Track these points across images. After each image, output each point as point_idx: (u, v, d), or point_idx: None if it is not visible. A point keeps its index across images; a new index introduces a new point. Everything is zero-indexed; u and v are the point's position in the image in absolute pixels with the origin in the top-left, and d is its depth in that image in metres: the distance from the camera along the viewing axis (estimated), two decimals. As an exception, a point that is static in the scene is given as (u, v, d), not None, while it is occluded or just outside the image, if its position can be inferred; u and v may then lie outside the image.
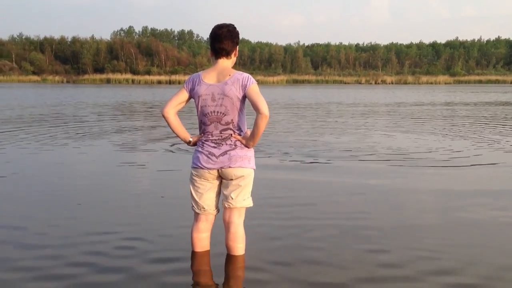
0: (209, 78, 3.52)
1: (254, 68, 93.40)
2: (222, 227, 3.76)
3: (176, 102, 3.58)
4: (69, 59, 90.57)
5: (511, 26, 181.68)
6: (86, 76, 78.95)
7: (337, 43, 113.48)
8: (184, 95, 3.58)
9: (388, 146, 10.24)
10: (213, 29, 3.55)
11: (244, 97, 3.48)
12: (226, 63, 3.55)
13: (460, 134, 12.43)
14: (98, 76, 78.50)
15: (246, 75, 3.50)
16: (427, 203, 5.83)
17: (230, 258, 3.73)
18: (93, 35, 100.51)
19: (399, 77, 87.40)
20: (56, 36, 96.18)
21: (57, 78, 78.49)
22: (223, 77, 3.49)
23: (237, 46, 3.61)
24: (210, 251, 3.83)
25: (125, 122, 15.92)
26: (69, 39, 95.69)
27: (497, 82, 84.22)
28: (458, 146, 10.26)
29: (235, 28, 3.58)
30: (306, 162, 8.41)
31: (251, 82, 3.46)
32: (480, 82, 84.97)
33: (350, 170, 7.70)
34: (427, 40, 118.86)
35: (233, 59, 3.60)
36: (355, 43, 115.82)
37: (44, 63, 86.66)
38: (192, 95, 3.57)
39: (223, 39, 3.49)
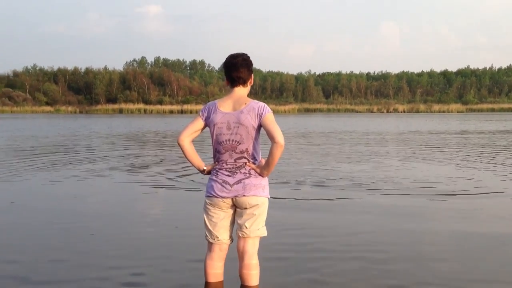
0: (225, 106, 3.52)
1: (265, 97, 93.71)
2: (236, 257, 3.66)
3: (191, 130, 3.57)
4: (82, 89, 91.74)
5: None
6: (99, 106, 79.62)
7: (348, 72, 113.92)
8: (199, 123, 3.58)
9: (408, 176, 9.89)
10: (227, 58, 3.58)
11: (260, 126, 3.47)
12: (242, 91, 3.58)
13: (480, 163, 12.09)
14: (110, 106, 79.05)
15: (262, 104, 3.50)
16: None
17: None
18: (106, 65, 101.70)
19: (411, 105, 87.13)
20: (70, 67, 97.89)
21: (70, 108, 79.05)
22: (239, 105, 3.49)
23: (252, 75, 3.65)
24: (223, 282, 3.74)
25: (138, 151, 15.83)
26: (83, 70, 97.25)
27: (510, 110, 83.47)
28: (481, 176, 9.91)
29: (249, 57, 3.63)
30: (327, 197, 7.82)
31: (267, 111, 3.46)
32: (493, 110, 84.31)
33: (376, 206, 7.10)
34: (438, 69, 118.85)
35: (248, 87, 3.63)
36: (366, 72, 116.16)
37: (58, 93, 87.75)
38: (207, 123, 3.56)
39: (240, 67, 3.53)
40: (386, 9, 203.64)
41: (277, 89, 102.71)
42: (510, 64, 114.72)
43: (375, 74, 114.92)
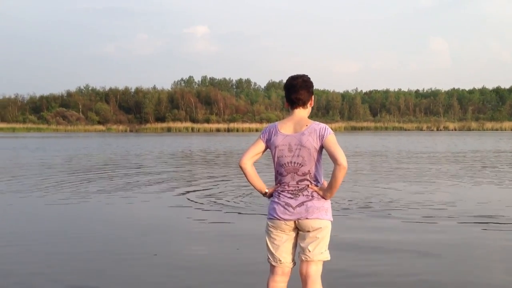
0: (285, 128, 3.52)
1: (311, 115, 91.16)
2: (299, 280, 3.62)
3: (253, 153, 3.57)
4: (132, 108, 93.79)
5: None
6: (148, 125, 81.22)
7: (395, 89, 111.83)
8: (260, 145, 3.58)
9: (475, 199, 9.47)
10: (287, 80, 3.59)
11: (321, 147, 3.45)
12: (302, 113, 3.56)
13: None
14: (159, 125, 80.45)
15: (323, 125, 3.49)
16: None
17: None
18: (154, 85, 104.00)
19: (462, 123, 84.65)
20: (121, 87, 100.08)
21: (120, 127, 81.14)
22: (300, 127, 3.48)
23: (313, 96, 3.63)
24: None
25: (194, 171, 15.94)
26: (133, 90, 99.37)
27: None
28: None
29: (309, 78, 3.60)
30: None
31: (329, 133, 3.44)
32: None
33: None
34: (490, 85, 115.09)
35: (309, 108, 3.60)
36: (415, 89, 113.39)
37: (109, 113, 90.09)
38: (268, 145, 3.57)
39: (299, 89, 3.52)
40: (434, 24, 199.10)
41: (323, 107, 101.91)
42: None
43: (424, 91, 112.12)
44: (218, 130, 76.78)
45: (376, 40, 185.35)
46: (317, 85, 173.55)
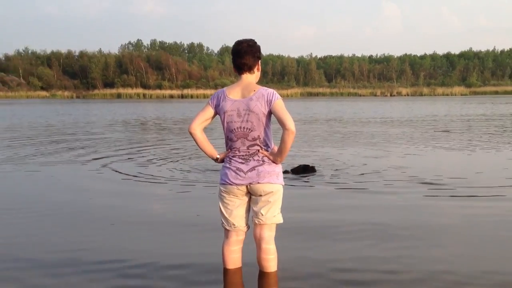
0: (234, 94, 3.51)
1: (267, 81, 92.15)
2: (253, 243, 3.68)
3: (202, 119, 3.56)
4: (77, 73, 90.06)
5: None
6: (96, 91, 78.51)
7: (350, 55, 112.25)
8: (209, 111, 3.57)
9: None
10: (233, 45, 3.56)
11: (270, 112, 3.45)
12: (250, 78, 3.56)
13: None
14: (108, 91, 77.95)
15: (271, 90, 3.49)
16: None
17: (262, 275, 3.69)
18: (100, 49, 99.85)
19: (414, 88, 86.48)
20: (63, 50, 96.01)
21: (66, 93, 77.80)
22: (248, 92, 3.48)
23: (260, 61, 3.60)
24: (242, 268, 3.78)
25: (140, 136, 15.32)
26: (77, 53, 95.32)
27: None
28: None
29: (255, 42, 3.58)
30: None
31: (276, 98, 3.44)
32: (496, 93, 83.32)
33: None
34: (441, 51, 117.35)
35: (256, 74, 3.60)
36: (368, 55, 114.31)
37: (52, 78, 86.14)
38: (217, 111, 3.56)
39: (244, 54, 3.49)
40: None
41: (279, 73, 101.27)
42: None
43: (378, 57, 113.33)
44: (171, 96, 75.09)
45: (330, 4, 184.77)
46: (272, 50, 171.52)
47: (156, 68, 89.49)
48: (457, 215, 5.72)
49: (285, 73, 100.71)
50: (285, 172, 8.17)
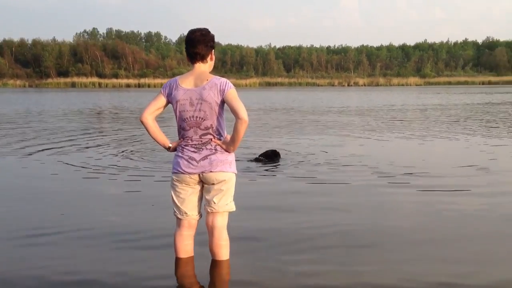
0: (186, 83, 3.51)
1: (225, 71, 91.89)
2: (206, 232, 3.69)
3: (154, 108, 3.55)
4: (30, 62, 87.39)
5: (478, 29, 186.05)
6: (49, 80, 76.50)
7: (308, 46, 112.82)
8: (161, 100, 3.56)
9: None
10: (187, 34, 3.56)
11: (223, 102, 3.46)
12: (202, 67, 3.55)
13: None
14: (62, 80, 76.13)
15: (223, 80, 3.49)
16: None
17: (214, 263, 3.69)
18: (54, 37, 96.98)
19: (371, 79, 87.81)
20: (15, 38, 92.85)
21: (18, 82, 75.77)
22: (201, 81, 3.48)
23: (213, 50, 3.60)
24: (194, 257, 3.78)
25: (95, 126, 15.09)
26: (30, 42, 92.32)
27: (466, 83, 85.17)
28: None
29: (209, 32, 3.57)
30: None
31: (229, 87, 3.45)
32: (449, 83, 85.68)
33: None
34: (396, 43, 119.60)
35: (209, 63, 3.60)
36: (326, 46, 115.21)
37: (4, 66, 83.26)
38: (169, 100, 3.55)
39: (197, 43, 3.49)
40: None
41: (237, 63, 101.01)
42: (465, 38, 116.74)
43: (336, 47, 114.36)
44: (128, 85, 74.17)
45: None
46: (231, 40, 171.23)
47: (112, 57, 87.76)
48: (413, 207, 5.66)
49: (243, 63, 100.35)
50: (256, 160, 8.49)
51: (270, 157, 8.48)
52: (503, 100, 30.73)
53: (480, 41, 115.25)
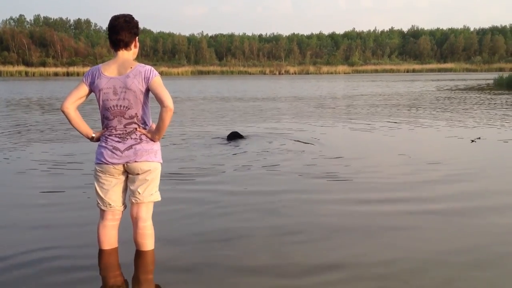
0: (109, 71, 3.40)
1: (157, 59, 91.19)
2: (130, 222, 3.66)
3: (75, 97, 3.42)
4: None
5: (404, 17, 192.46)
6: None
7: (240, 34, 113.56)
8: (84, 89, 3.43)
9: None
10: (110, 20, 3.42)
11: (148, 90, 3.40)
12: (126, 55, 3.45)
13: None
14: None
15: (148, 67, 3.41)
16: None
17: (139, 254, 3.66)
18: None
19: (302, 67, 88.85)
20: None
21: None
22: (125, 69, 3.38)
23: (137, 37, 3.51)
24: (118, 248, 3.73)
25: (20, 116, 14.43)
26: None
27: (391, 71, 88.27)
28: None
29: (132, 18, 3.46)
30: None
31: (154, 75, 3.38)
32: (376, 71, 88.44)
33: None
34: (326, 31, 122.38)
35: (133, 50, 3.50)
36: (258, 34, 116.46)
37: None
38: (92, 89, 3.43)
39: (120, 30, 3.38)
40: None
41: (169, 51, 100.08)
42: (392, 27, 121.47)
43: (267, 36, 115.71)
44: (56, 74, 71.80)
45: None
46: (162, 27, 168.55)
47: (40, 45, 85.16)
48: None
49: (175, 51, 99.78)
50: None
51: (234, 137, 9.47)
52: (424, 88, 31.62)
53: (405, 29, 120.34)
